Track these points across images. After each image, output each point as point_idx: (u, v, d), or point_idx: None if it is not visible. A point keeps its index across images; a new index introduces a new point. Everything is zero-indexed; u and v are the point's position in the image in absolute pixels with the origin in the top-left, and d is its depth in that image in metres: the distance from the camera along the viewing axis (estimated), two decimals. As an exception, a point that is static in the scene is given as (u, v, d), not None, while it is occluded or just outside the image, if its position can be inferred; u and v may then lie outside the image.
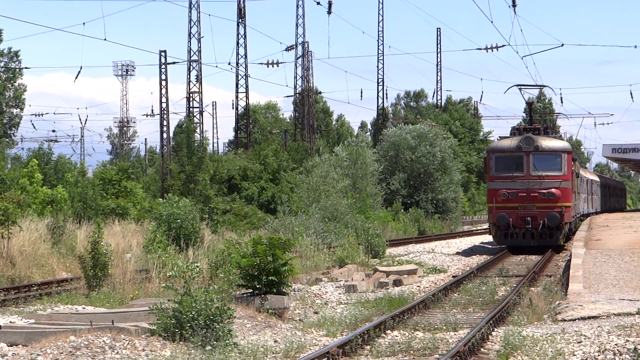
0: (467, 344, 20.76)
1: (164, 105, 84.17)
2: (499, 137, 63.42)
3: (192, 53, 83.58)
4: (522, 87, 64.83)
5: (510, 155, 57.23)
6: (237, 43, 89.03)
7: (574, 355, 18.57)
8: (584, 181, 79.41)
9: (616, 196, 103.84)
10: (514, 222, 55.26)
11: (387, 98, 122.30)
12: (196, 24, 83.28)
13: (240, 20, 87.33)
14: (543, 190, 55.02)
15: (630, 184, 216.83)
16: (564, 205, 55.55)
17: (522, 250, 57.41)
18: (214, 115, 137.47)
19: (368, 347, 22.22)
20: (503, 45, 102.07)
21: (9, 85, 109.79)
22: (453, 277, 41.28)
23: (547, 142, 57.28)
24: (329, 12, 65.78)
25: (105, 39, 76.46)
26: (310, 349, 21.41)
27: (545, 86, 73.18)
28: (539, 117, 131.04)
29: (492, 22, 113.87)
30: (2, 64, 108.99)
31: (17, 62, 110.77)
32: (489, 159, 58.05)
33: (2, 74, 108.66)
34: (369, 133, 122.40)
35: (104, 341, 22.20)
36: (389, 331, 24.76)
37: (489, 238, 66.30)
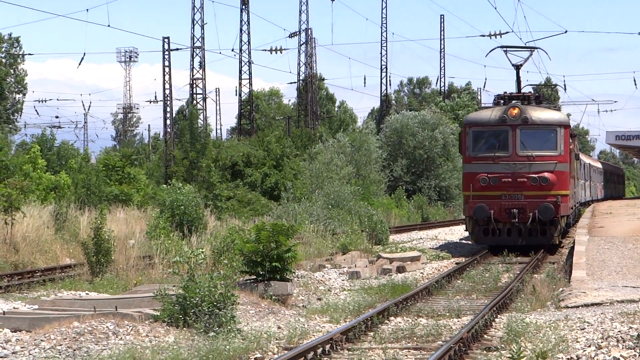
0: (470, 330, 20.75)
1: (167, 91, 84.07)
2: (479, 107, 53.69)
3: (195, 39, 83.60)
4: (508, 49, 49.46)
5: (492, 129, 43.97)
6: (241, 30, 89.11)
7: (577, 342, 18.57)
8: (586, 167, 72.69)
9: (617, 183, 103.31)
10: (496, 215, 42.24)
11: (390, 85, 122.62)
12: (199, 10, 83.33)
13: (243, 7, 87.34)
14: (533, 175, 41.84)
15: (635, 171, 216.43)
16: (559, 193, 42.26)
17: (507, 250, 43.15)
18: (218, 102, 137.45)
19: (371, 333, 22.21)
20: (507, 32, 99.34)
21: (11, 70, 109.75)
22: (456, 263, 41.17)
23: (539, 114, 43.63)
24: (333, -1, 65.73)
25: (108, 25, 76.55)
26: (314, 335, 21.42)
27: (536, 48, 53.05)
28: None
29: (495, 8, 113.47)
30: (2, 50, 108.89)
31: (17, 48, 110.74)
32: (465, 135, 44.53)
33: (3, 60, 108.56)
34: (374, 121, 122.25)
35: (107, 327, 22.22)
36: (392, 318, 24.76)
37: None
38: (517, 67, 50.02)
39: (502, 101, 47.22)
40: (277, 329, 22.76)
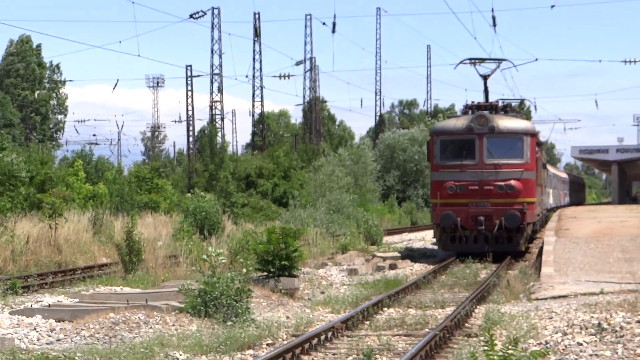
0: (453, 319, 20.78)
1: (190, 113, 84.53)
2: (447, 116, 47.02)
3: (214, 67, 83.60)
4: (475, 60, 44.73)
5: (459, 138, 39.23)
6: (254, 59, 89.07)
7: (546, 329, 18.59)
8: (553, 176, 70.18)
9: (579, 191, 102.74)
10: (463, 223, 37.81)
11: (383, 106, 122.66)
12: (217, 41, 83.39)
13: (256, 39, 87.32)
14: (500, 183, 37.35)
15: (595, 181, 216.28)
16: (525, 201, 37.80)
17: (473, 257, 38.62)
18: (234, 122, 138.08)
19: (368, 322, 22.24)
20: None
21: (54, 94, 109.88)
22: (440, 262, 40.99)
23: (506, 122, 38.94)
24: (333, 31, 65.89)
25: (138, 55, 76.88)
26: (318, 324, 21.44)
27: (503, 60, 47.82)
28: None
29: (475, 38, 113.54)
30: (46, 77, 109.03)
31: (59, 75, 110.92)
32: (433, 144, 39.89)
33: (47, 85, 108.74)
34: (370, 137, 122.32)
35: (139, 317, 22.26)
36: (385, 308, 24.78)
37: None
38: (485, 78, 45.00)
39: (470, 111, 42.62)
40: (286, 318, 22.79)
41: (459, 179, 38.12)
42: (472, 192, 37.81)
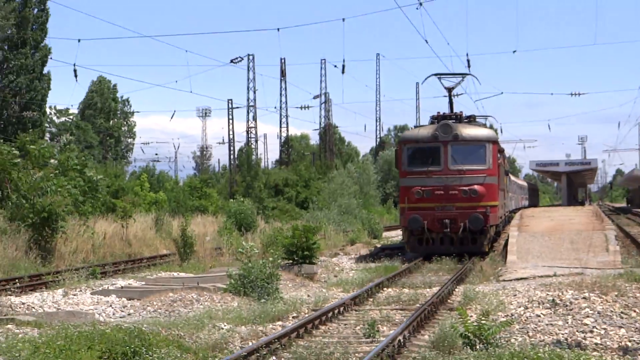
0: (438, 296, 20.72)
1: (231, 136, 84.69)
2: (414, 126, 41.47)
3: (249, 100, 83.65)
4: (441, 75, 40.28)
5: (425, 146, 34.46)
6: (280, 94, 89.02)
7: (511, 304, 18.55)
8: (515, 184, 67.17)
9: (534, 196, 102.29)
10: (430, 226, 33.12)
11: (382, 130, 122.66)
12: (252, 80, 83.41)
13: (282, 78, 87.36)
14: (464, 188, 33.05)
15: (549, 188, 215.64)
16: (488, 204, 33.35)
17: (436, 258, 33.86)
18: (265, 143, 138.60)
19: (371, 299, 22.20)
20: (462, 94, 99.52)
21: (124, 122, 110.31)
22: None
23: (469, 130, 34.49)
24: (343, 72, 65.51)
25: (190, 91, 76.94)
26: (332, 301, 21.40)
27: (467, 74, 43.79)
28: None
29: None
30: (119, 109, 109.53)
31: (129, 107, 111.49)
32: (401, 151, 35.27)
33: (119, 115, 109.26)
34: (372, 155, 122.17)
35: (192, 296, 22.30)
36: (385, 288, 24.71)
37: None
38: (449, 90, 39.83)
39: (436, 121, 38.20)
40: (307, 296, 22.79)
41: (426, 184, 33.63)
42: (438, 197, 33.33)
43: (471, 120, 37.75)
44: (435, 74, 39.07)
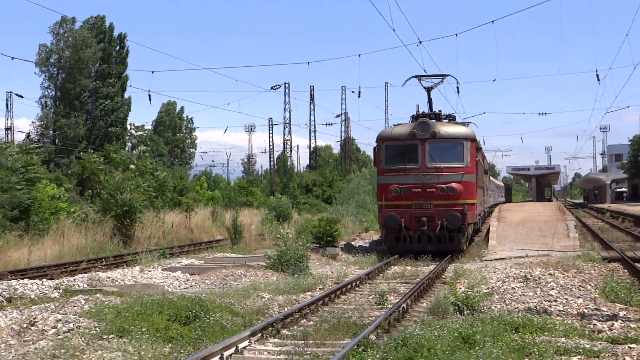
0: (434, 273, 20.69)
1: (271, 147, 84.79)
2: (394, 125, 33.91)
3: (285, 119, 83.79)
4: (422, 77, 33.78)
5: (403, 144, 28.85)
6: (310, 113, 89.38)
7: (492, 279, 18.47)
8: (494, 184, 62.64)
9: (509, 193, 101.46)
10: (407, 224, 27.78)
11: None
12: (288, 103, 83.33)
13: (311, 101, 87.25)
14: (441, 185, 27.67)
15: (521, 187, 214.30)
16: (466, 202, 27.96)
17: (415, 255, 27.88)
18: (298, 152, 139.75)
19: (381, 275, 22.14)
20: (452, 113, 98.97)
21: (188, 136, 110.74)
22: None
23: (447, 128, 29.15)
24: (359, 96, 65.44)
25: (239, 112, 76.92)
26: (350, 276, 21.37)
27: (447, 75, 35.60)
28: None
29: (446, 99, 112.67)
30: (184, 125, 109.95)
31: (191, 124, 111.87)
32: (379, 149, 29.65)
33: (184, 130, 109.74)
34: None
35: (240, 272, 22.35)
36: (392, 266, 24.65)
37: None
38: (429, 89, 32.76)
39: (416, 120, 32.37)
40: (331, 272, 22.76)
41: (403, 182, 27.89)
42: (415, 195, 27.69)
43: (450, 119, 32.00)
44: (416, 76, 32.26)
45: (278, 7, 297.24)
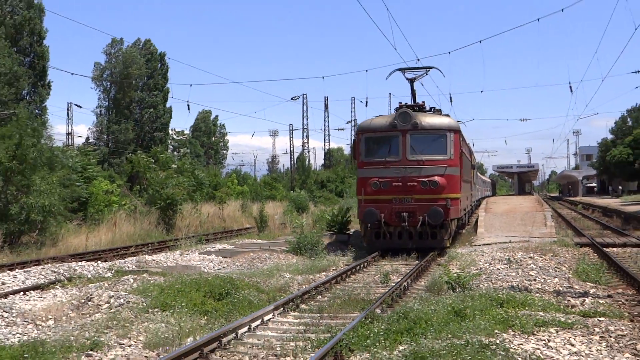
0: (431, 256, 20.60)
1: (291, 148, 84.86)
2: (375, 116, 26.70)
3: (304, 124, 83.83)
4: (405, 69, 27.71)
5: (383, 135, 23.77)
6: (324, 120, 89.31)
7: (480, 261, 18.37)
8: (481, 179, 58.58)
9: (494, 188, 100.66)
10: (387, 219, 22.87)
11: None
12: (305, 111, 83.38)
13: (325, 109, 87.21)
14: (423, 179, 22.76)
15: (505, 183, 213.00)
16: (449, 197, 22.90)
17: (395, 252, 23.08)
18: (314, 153, 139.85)
19: (386, 258, 22.04)
20: (438, 108, 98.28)
21: (221, 140, 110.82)
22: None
23: (429, 119, 23.84)
24: (366, 106, 65.59)
25: (264, 119, 76.56)
26: (359, 259, 21.33)
27: (431, 67, 26.64)
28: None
29: (440, 109, 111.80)
30: (217, 130, 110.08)
31: (223, 129, 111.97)
32: (358, 141, 24.68)
33: (217, 135, 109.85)
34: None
35: (265, 255, 22.34)
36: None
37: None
38: (412, 81, 26.90)
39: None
40: (342, 256, 22.70)
41: (383, 175, 23.04)
42: (396, 189, 22.79)
43: (433, 110, 26.51)
44: (400, 69, 26.55)
45: (298, 30, 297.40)
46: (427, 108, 25.46)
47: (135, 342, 10.19)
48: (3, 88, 45.48)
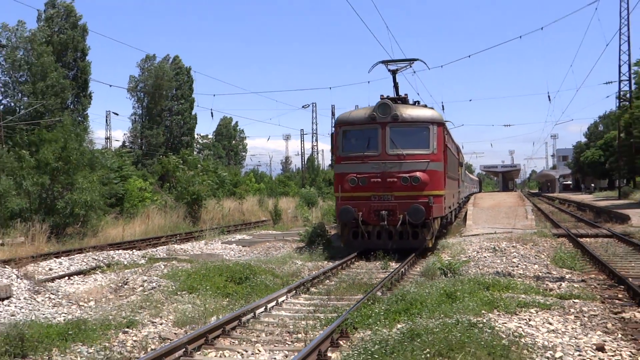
0: (425, 246, 20.56)
1: (302, 150, 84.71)
2: (356, 107, 19.41)
3: (313, 129, 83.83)
4: (389, 62, 21.69)
5: (362, 128, 18.98)
6: (331, 125, 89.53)
7: (469, 250, 18.28)
8: (469, 177, 55.73)
9: (480, 185, 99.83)
10: (365, 218, 18.53)
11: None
12: (315, 118, 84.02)
13: (332, 116, 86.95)
14: (404, 174, 18.16)
15: (491, 181, 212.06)
16: (432, 194, 18.35)
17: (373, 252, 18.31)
18: (323, 154, 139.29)
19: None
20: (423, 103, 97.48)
21: (240, 143, 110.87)
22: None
23: (410, 111, 18.92)
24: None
25: (279, 124, 76.48)
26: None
27: (415, 60, 20.78)
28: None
29: (425, 104, 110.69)
30: (237, 135, 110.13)
31: (243, 134, 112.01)
32: (336, 135, 19.70)
33: (238, 139, 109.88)
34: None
35: (280, 245, 22.34)
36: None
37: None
38: (394, 72, 22.30)
39: None
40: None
41: (361, 171, 19.25)
42: (375, 185, 19.06)
43: (417, 103, 21.58)
44: (383, 61, 21.74)
45: (308, 45, 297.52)
46: (411, 102, 21.30)
47: (166, 320, 10.21)
48: (50, 98, 45.81)
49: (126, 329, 9.48)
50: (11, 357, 7.87)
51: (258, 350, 8.55)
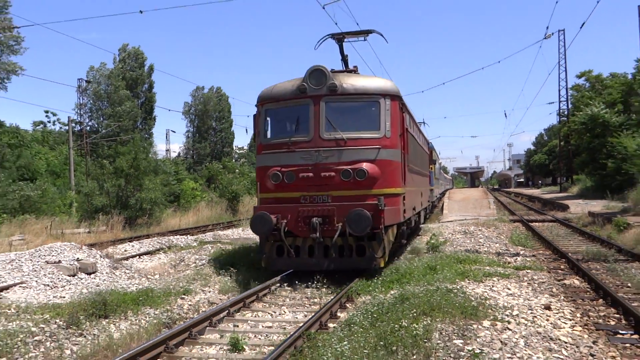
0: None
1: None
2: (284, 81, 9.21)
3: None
4: (337, 35, 9.53)
5: (288, 105, 7.36)
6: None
7: (446, 232, 18.12)
8: (444, 176, 46.37)
9: (452, 183, 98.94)
10: (291, 227, 7.59)
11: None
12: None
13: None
14: (345, 167, 7.28)
15: (461, 179, 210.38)
16: (384, 192, 7.23)
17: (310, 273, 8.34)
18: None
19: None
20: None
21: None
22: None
23: (354, 80, 7.35)
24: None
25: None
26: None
27: (370, 31, 7.90)
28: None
29: (424, 121, 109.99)
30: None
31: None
32: (258, 115, 8.01)
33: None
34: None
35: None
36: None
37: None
38: (340, 40, 10.39)
39: None
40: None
41: (287, 163, 9.08)
42: (305, 182, 9.02)
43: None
44: (332, 34, 10.72)
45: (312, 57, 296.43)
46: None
47: (213, 289, 10.23)
48: (124, 121, 46.55)
49: (183, 296, 9.50)
50: (97, 317, 7.94)
51: (284, 311, 8.55)
